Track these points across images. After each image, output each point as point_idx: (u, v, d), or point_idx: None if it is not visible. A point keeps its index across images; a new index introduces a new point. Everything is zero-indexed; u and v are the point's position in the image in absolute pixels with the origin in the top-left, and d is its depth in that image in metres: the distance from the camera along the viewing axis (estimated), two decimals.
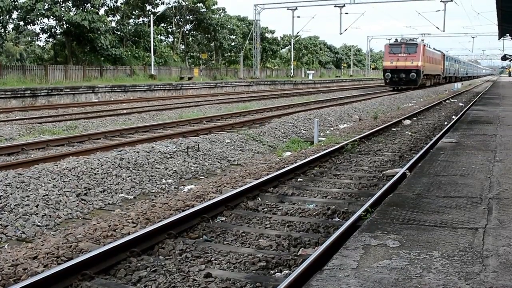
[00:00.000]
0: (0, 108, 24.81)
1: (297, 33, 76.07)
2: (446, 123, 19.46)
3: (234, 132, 15.25)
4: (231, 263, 5.65)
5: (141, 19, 57.27)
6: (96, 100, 31.51)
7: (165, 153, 11.31)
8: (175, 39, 62.81)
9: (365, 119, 22.33)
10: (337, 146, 13.11)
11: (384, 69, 48.61)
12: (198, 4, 60.50)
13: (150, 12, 54.67)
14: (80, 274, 5.04)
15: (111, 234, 6.48)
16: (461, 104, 31.07)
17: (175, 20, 60.75)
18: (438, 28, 58.26)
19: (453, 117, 21.45)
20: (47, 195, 8.00)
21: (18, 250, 6.03)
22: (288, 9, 62.80)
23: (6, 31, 40.49)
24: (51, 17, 43.44)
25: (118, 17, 54.35)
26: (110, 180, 9.29)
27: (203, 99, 33.62)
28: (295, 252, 5.98)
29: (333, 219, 7.32)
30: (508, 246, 4.40)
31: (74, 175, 8.98)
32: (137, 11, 56.84)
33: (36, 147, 12.76)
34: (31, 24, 44.95)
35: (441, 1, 54.07)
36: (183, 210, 7.41)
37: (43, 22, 45.26)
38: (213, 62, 71.45)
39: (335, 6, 57.32)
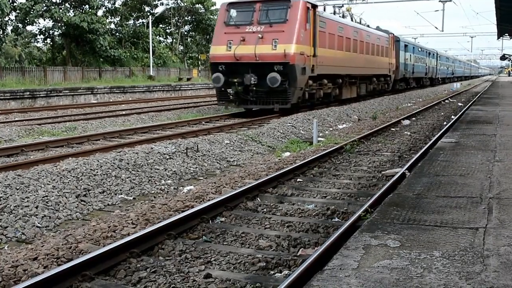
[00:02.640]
0: None
1: None
2: (445, 123, 19.47)
3: (233, 133, 15.24)
4: (231, 263, 5.65)
5: (139, 20, 57.30)
6: (95, 101, 31.49)
7: (164, 154, 11.30)
8: (174, 40, 62.81)
9: (364, 119, 22.34)
10: (336, 146, 13.11)
11: (213, 64, 21.47)
12: (197, 5, 60.49)
13: (148, 13, 54.71)
14: (80, 275, 5.03)
15: (110, 235, 6.47)
16: (460, 104, 31.08)
17: (174, 21, 60.75)
18: (437, 28, 58.16)
19: (452, 117, 21.46)
20: (46, 196, 7.99)
21: (18, 251, 6.02)
22: None
23: (5, 33, 40.44)
24: (50, 18, 43.43)
25: (117, 19, 54.34)
26: (109, 181, 9.28)
27: (202, 99, 33.61)
28: (294, 253, 5.97)
29: (333, 220, 7.32)
30: (508, 246, 4.40)
31: (73, 176, 8.97)
32: (135, 13, 56.84)
33: (36, 148, 12.75)
34: (30, 25, 44.97)
35: (439, 1, 53.83)
36: (183, 211, 7.40)
37: (39, 23, 45.33)
38: None
39: (333, 7, 57.26)
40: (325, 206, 7.96)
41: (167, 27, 61.62)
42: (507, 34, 51.35)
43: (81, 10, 44.78)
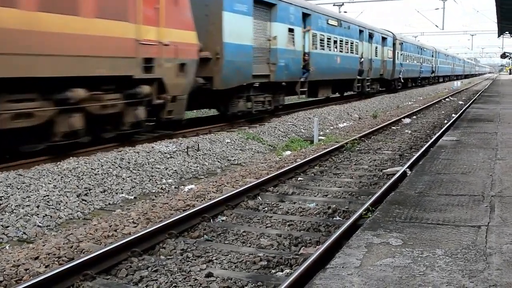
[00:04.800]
0: None
1: None
2: (446, 121, 19.46)
3: (234, 132, 15.23)
4: (232, 262, 5.64)
5: None
6: None
7: (165, 153, 11.29)
8: None
9: (365, 117, 22.33)
10: (337, 145, 13.11)
11: None
12: None
13: None
14: (81, 274, 5.02)
15: (112, 234, 6.47)
16: (461, 102, 31.08)
17: None
18: (437, 27, 58.11)
19: (453, 115, 21.46)
20: (47, 195, 7.98)
21: (20, 251, 6.01)
22: None
23: None
24: None
25: None
26: (110, 181, 9.27)
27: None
28: (296, 251, 5.96)
29: (334, 218, 7.31)
30: (511, 244, 4.39)
31: (74, 176, 8.96)
32: None
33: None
34: None
35: None
36: (184, 210, 7.40)
37: None
38: None
39: (333, 5, 57.03)
40: (326, 205, 7.95)
41: None
42: (507, 32, 51.39)
43: None
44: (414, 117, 22.33)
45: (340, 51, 25.68)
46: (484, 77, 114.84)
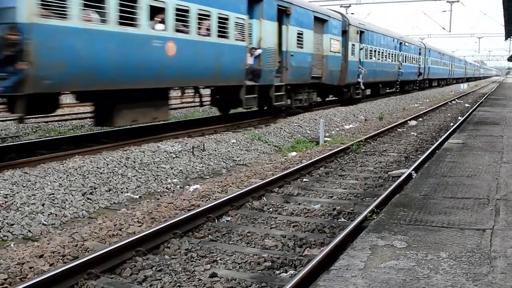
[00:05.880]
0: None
1: None
2: (452, 124, 19.41)
3: (240, 132, 15.23)
4: (237, 263, 5.64)
5: None
6: None
7: (171, 152, 11.30)
8: None
9: (371, 119, 22.29)
10: (343, 146, 13.10)
11: None
12: None
13: None
14: (86, 273, 5.04)
15: (116, 233, 6.48)
16: (467, 105, 30.99)
17: None
18: (444, 29, 57.83)
19: (459, 118, 21.40)
20: (53, 194, 8.00)
21: (24, 249, 6.03)
22: None
23: None
24: None
25: None
26: (116, 180, 9.29)
27: (207, 99, 33.52)
28: (300, 253, 5.96)
29: (339, 220, 7.30)
30: None
31: (80, 174, 8.98)
32: None
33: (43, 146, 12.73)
34: None
35: (447, 2, 53.70)
36: (189, 210, 7.41)
37: None
38: None
39: (340, 6, 56.67)
40: (331, 206, 7.94)
41: None
42: None
43: None
44: (420, 119, 22.28)
45: (184, 32, 12.67)
46: (491, 80, 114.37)
